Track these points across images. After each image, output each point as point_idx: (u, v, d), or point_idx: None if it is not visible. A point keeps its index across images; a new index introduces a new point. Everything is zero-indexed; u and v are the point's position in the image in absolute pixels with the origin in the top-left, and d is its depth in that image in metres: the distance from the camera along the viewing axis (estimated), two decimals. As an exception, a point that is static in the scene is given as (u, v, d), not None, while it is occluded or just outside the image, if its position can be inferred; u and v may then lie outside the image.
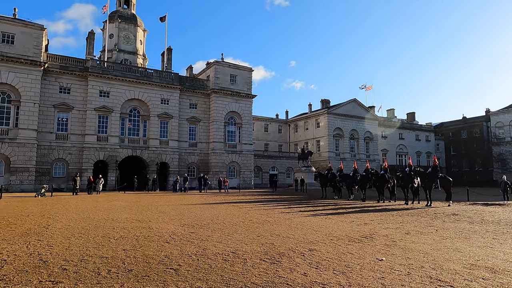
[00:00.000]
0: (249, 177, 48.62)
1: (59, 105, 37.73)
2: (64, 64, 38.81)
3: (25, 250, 6.52)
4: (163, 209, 15.62)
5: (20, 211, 14.33)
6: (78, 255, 6.10)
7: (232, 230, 9.15)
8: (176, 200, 21.91)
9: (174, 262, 5.67)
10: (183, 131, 45.23)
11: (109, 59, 51.24)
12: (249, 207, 16.84)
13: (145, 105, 42.57)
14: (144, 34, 59.43)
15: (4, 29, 34.73)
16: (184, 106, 45.71)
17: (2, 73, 34.26)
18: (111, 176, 39.24)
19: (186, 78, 48.39)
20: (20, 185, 34.01)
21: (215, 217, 12.35)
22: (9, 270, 5.09)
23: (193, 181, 42.95)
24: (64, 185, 36.55)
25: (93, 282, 4.56)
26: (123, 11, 57.00)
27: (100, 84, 39.75)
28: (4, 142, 33.96)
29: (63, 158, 37.52)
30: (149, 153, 42.02)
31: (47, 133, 36.86)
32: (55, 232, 8.67)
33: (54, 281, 4.58)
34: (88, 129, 38.56)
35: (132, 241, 7.57)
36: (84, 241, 7.46)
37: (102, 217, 12.20)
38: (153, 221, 11.04)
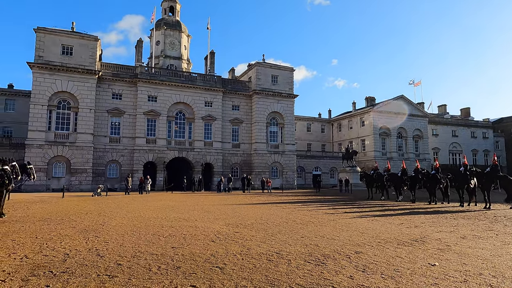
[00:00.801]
0: (291, 178, 48.35)
1: (112, 110, 40.27)
2: (116, 72, 41.37)
3: (85, 246, 7.04)
4: (208, 208, 16.04)
5: (80, 209, 15.50)
6: (131, 251, 6.47)
7: (275, 231, 9.16)
8: (220, 200, 22.40)
9: (219, 260, 5.80)
10: (226, 132, 46.14)
11: (156, 65, 53.71)
12: (292, 207, 16.76)
13: (190, 108, 44.03)
14: (188, 40, 61.49)
15: (64, 42, 37.82)
16: (227, 108, 46.59)
17: (63, 82, 37.31)
18: (160, 177, 41.09)
19: (229, 81, 49.29)
20: (79, 185, 36.79)
21: (258, 217, 12.45)
22: (71, 263, 5.53)
23: (236, 182, 43.61)
24: (117, 185, 38.92)
25: (145, 278, 4.81)
26: (168, 19, 59.46)
27: (149, 89, 41.82)
28: (65, 146, 36.96)
29: (116, 160, 39.98)
30: (194, 154, 43.38)
31: (102, 137, 39.50)
32: (110, 229, 9.26)
33: (110, 275, 4.90)
34: (138, 132, 40.74)
35: (180, 239, 7.86)
36: (136, 238, 7.89)
37: (152, 216, 12.82)
38: (199, 220, 11.38)
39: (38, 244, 7.10)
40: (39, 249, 6.66)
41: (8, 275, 4.85)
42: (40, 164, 34.73)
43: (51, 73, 36.91)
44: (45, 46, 36.91)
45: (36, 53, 36.64)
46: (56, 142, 36.76)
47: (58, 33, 37.70)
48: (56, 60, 37.18)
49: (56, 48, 37.40)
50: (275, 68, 49.53)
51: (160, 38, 57.08)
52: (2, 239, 7.74)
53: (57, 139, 36.96)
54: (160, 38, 57.06)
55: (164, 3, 61.14)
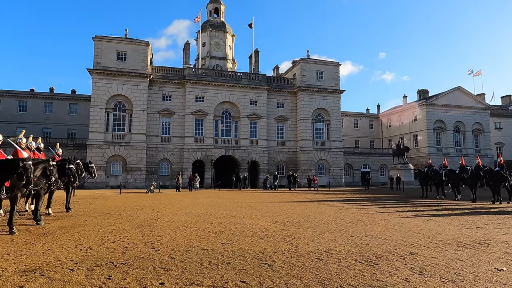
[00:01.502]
0: (339, 175, 47.23)
1: (163, 111, 42.24)
2: (165, 74, 43.30)
3: (141, 239, 7.46)
4: (255, 206, 16.20)
5: (135, 205, 16.47)
6: (183, 246, 6.73)
7: (324, 229, 9.01)
8: (267, 198, 22.52)
9: (268, 258, 5.83)
10: (271, 130, 46.26)
11: (203, 66, 55.30)
12: (340, 205, 16.36)
13: (235, 107, 44.76)
14: (232, 40, 62.49)
15: (119, 48, 40.37)
16: (272, 105, 46.67)
17: (118, 86, 39.86)
18: (207, 175, 42.36)
19: (273, 78, 49.32)
20: (134, 182, 39.13)
21: (306, 215, 12.32)
22: (130, 256, 5.89)
23: (282, 179, 43.58)
24: (168, 182, 40.80)
25: (197, 272, 4.98)
26: (213, 20, 60.88)
27: (196, 90, 43.21)
28: (121, 146, 39.50)
29: (167, 159, 41.90)
30: (240, 153, 44.05)
31: (154, 137, 41.61)
32: (163, 225, 9.72)
33: (165, 268, 5.14)
34: (187, 132, 42.31)
35: (229, 235, 8.03)
36: (187, 234, 8.20)
37: (201, 212, 13.24)
38: (247, 217, 11.53)
39: (100, 237, 7.66)
40: (101, 241, 7.18)
41: (75, 265, 5.29)
42: (100, 163, 37.48)
43: (108, 78, 39.60)
44: (102, 53, 39.69)
45: (94, 60, 39.53)
46: (113, 142, 39.42)
47: (113, 40, 40.33)
48: (112, 66, 39.83)
49: (112, 54, 40.03)
50: (320, 63, 48.62)
51: (206, 40, 58.63)
52: (70, 231, 8.46)
53: (114, 139, 39.62)
54: (206, 39, 58.61)
55: (209, 5, 62.69)
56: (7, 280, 4.51)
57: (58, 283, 4.41)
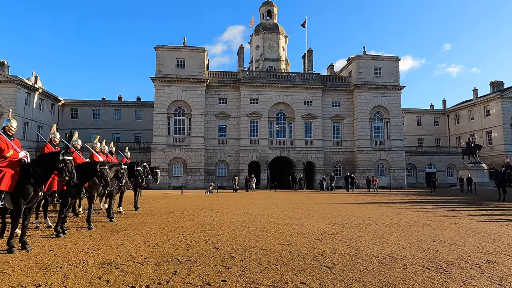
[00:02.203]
0: (400, 176, 44.69)
1: (219, 114, 43.64)
2: (221, 79, 44.70)
3: (202, 238, 7.78)
4: (312, 207, 15.98)
5: (196, 205, 17.21)
6: (242, 246, 6.88)
7: (386, 232, 8.58)
8: (323, 199, 22.09)
9: (328, 260, 5.71)
10: (327, 130, 45.32)
11: (257, 68, 56.03)
12: (403, 208, 15.45)
13: (289, 107, 44.65)
14: (285, 41, 62.43)
15: (178, 56, 42.63)
16: (327, 105, 45.72)
17: (178, 92, 42.06)
18: (263, 176, 42.79)
19: (328, 77, 48.30)
20: (194, 183, 40.93)
21: (366, 217, 11.85)
22: (193, 253, 6.17)
23: (339, 180, 42.44)
24: (226, 183, 41.99)
25: (257, 271, 5.05)
26: (266, 23, 61.42)
27: (250, 92, 43.94)
28: (181, 148, 41.61)
29: (224, 160, 43.18)
30: (296, 153, 43.80)
31: (211, 139, 43.15)
32: (222, 224, 10.02)
33: (226, 266, 5.30)
34: (242, 134, 43.20)
35: (287, 236, 8.02)
36: (246, 234, 8.36)
37: (258, 212, 13.41)
38: (304, 219, 11.42)
39: (165, 235, 8.14)
40: (166, 239, 7.63)
41: (145, 260, 5.68)
42: (163, 165, 39.83)
43: (169, 84, 41.99)
44: (163, 61, 42.23)
45: (156, 68, 42.19)
46: (175, 145, 41.67)
47: (172, 49, 42.69)
48: (171, 73, 42.17)
49: (172, 62, 42.39)
50: (378, 59, 46.52)
51: (259, 42, 59.33)
52: (138, 228, 9.12)
53: (175, 142, 41.87)
54: (259, 42, 59.31)
55: (262, 8, 63.36)
56: (87, 271, 5.00)
57: (130, 276, 4.78)
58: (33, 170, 6.31)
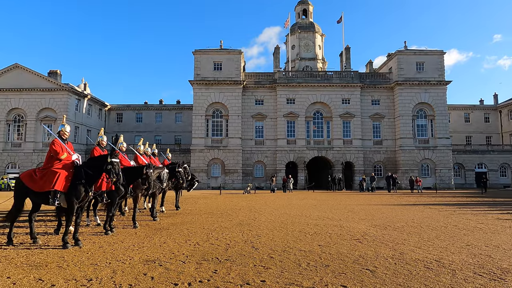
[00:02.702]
0: (447, 176, 42.27)
1: (256, 115, 43.92)
2: (257, 80, 44.96)
3: (241, 238, 7.88)
4: (352, 208, 15.59)
5: (234, 205, 17.45)
6: (281, 246, 6.88)
7: (432, 236, 8.17)
8: (363, 200, 21.47)
9: (369, 263, 5.55)
10: (366, 129, 43.99)
11: (293, 68, 55.71)
12: (450, 210, 14.61)
13: (327, 107, 43.90)
14: (322, 39, 61.54)
15: (215, 59, 43.52)
16: (366, 103, 44.38)
17: (215, 94, 42.91)
18: (301, 176, 42.42)
19: (366, 75, 46.87)
20: (232, 184, 41.51)
21: (409, 219, 11.36)
22: (232, 253, 6.28)
23: (380, 181, 41.02)
24: (263, 183, 42.14)
25: (296, 272, 5.03)
26: (301, 22, 60.91)
27: (287, 93, 43.76)
28: (219, 149, 42.39)
29: (261, 161, 43.37)
30: (334, 153, 42.96)
31: (248, 140, 43.52)
32: (260, 224, 10.08)
33: (265, 266, 5.33)
34: (279, 134, 43.14)
35: (326, 237, 7.90)
36: (284, 234, 8.35)
37: (296, 213, 13.33)
38: (343, 220, 11.18)
39: (206, 234, 8.34)
40: (206, 238, 7.82)
41: (186, 258, 5.87)
42: (202, 166, 40.82)
43: (206, 87, 42.96)
44: (201, 65, 43.29)
45: (195, 71, 43.35)
46: (213, 147, 42.55)
47: (210, 52, 43.64)
48: (209, 76, 43.12)
49: (209, 65, 43.34)
50: (420, 54, 44.38)
51: (295, 42, 58.96)
52: (180, 227, 9.43)
53: (213, 144, 42.73)
54: (295, 42, 58.94)
55: (297, 7, 62.91)
56: (134, 267, 5.26)
57: (173, 273, 4.96)
58: (84, 172, 6.76)
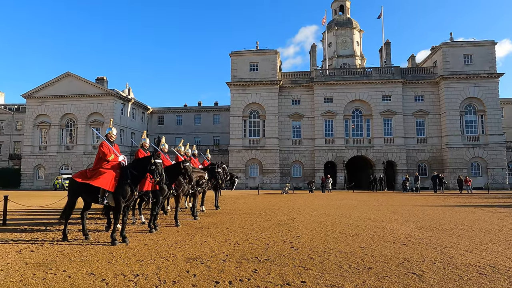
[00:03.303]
0: (500, 176, 39.32)
1: (293, 115, 43.68)
2: (294, 79, 44.69)
3: (280, 238, 7.86)
4: (395, 209, 14.99)
5: (272, 205, 17.47)
6: (320, 247, 6.77)
7: (485, 239, 7.63)
8: (407, 201, 20.55)
9: (415, 266, 5.30)
10: (409, 126, 42.12)
11: (330, 66, 54.71)
12: (505, 212, 13.56)
13: (366, 104, 42.63)
14: (360, 35, 59.83)
15: (251, 60, 43.86)
16: (408, 99, 42.50)
17: (252, 95, 43.22)
18: (340, 176, 41.53)
19: (408, 70, 44.86)
20: (270, 184, 41.59)
21: (459, 221, 10.70)
22: (271, 253, 6.28)
23: (425, 181, 39.11)
24: (301, 183, 41.79)
25: (337, 274, 4.92)
26: (338, 19, 59.63)
27: (324, 91, 43.06)
28: (257, 150, 42.65)
29: (299, 161, 43.04)
30: (374, 152, 41.60)
31: (286, 140, 43.38)
32: (299, 225, 10.00)
33: (305, 267, 5.27)
34: (317, 134, 42.55)
35: (367, 239, 7.66)
36: (324, 235, 8.21)
37: (336, 214, 13.06)
38: (386, 221, 10.78)
39: (245, 234, 8.42)
40: (246, 237, 7.89)
41: (226, 257, 5.96)
42: (240, 166, 41.31)
43: (243, 88, 43.43)
44: (237, 66, 43.85)
45: (231, 73, 43.98)
46: (250, 147, 42.90)
47: (246, 54, 44.07)
48: (246, 77, 43.54)
49: (245, 66, 43.77)
50: (468, 45, 41.70)
51: (332, 39, 57.85)
52: (220, 226, 9.61)
53: (251, 144, 43.09)
54: (332, 39, 57.83)
55: (334, 4, 61.71)
56: (176, 264, 5.44)
57: (214, 271, 5.06)
58: (130, 172, 7.11)
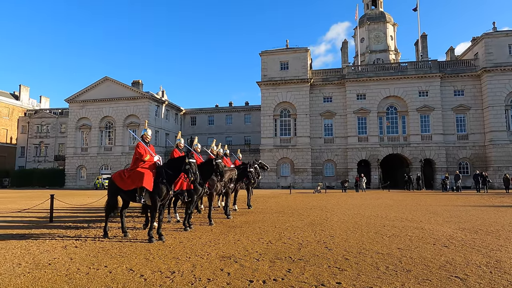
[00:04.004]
0: (553, 174, 36.39)
1: (324, 113, 43.01)
2: (325, 77, 43.99)
3: (313, 237, 7.76)
4: (434, 209, 14.33)
5: (305, 204, 17.29)
6: (355, 248, 6.61)
7: (536, 242, 7.10)
8: (447, 200, 19.58)
9: (458, 270, 5.03)
10: (448, 122, 40.13)
11: (362, 62, 53.30)
12: (560, 213, 12.54)
13: (401, 100, 41.13)
14: (394, 29, 57.79)
15: (281, 59, 43.74)
16: (447, 94, 40.49)
17: (283, 94, 43.08)
18: (374, 175, 40.37)
19: (447, 63, 42.73)
20: (301, 183, 41.24)
21: (506, 223, 10.03)
22: (305, 253, 6.21)
23: (466, 179, 37.07)
24: (334, 183, 41.06)
25: (373, 276, 4.77)
26: (371, 13, 57.95)
27: (356, 88, 42.03)
28: (288, 149, 42.44)
29: (331, 159, 42.33)
30: (411, 150, 40.04)
31: (317, 138, 42.81)
32: (333, 225, 9.82)
33: (340, 268, 5.17)
34: (349, 132, 41.63)
35: (405, 240, 7.38)
36: (359, 235, 8.01)
37: (371, 214, 12.69)
38: (425, 222, 10.33)
39: (277, 233, 8.40)
40: (278, 237, 7.87)
41: (260, 256, 5.97)
42: (271, 165, 41.25)
43: (274, 87, 43.37)
44: (267, 66, 43.86)
45: (262, 73, 44.07)
46: (282, 146, 42.77)
47: (276, 53, 43.98)
48: (276, 76, 43.46)
49: (276, 65, 43.69)
50: (514, 35, 38.97)
51: (364, 35, 56.33)
52: (252, 225, 9.65)
53: (282, 143, 42.95)
54: (364, 34, 56.32)
55: (366, -2, 60.03)
56: (211, 262, 5.52)
57: (248, 270, 5.08)
58: (165, 172, 7.31)
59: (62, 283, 4.50)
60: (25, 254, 6.14)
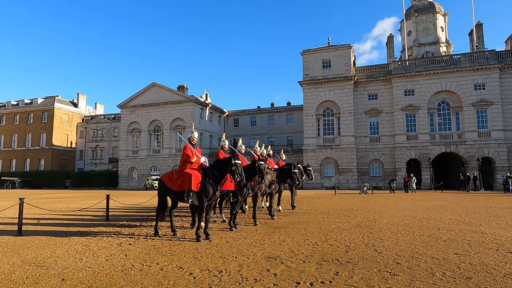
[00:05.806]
0: None
1: (369, 111, 41.53)
2: (370, 73, 42.49)
3: (361, 240, 7.50)
4: (495, 212, 13.21)
5: (351, 205, 16.80)
6: (408, 252, 6.28)
7: None
8: (509, 202, 17.97)
9: (527, 279, 4.58)
10: (509, 117, 36.98)
11: (410, 56, 50.78)
12: None
13: (454, 95, 38.53)
14: (444, 19, 54.35)
15: (323, 57, 42.98)
16: (508, 87, 37.34)
17: (325, 93, 42.30)
18: (425, 175, 38.25)
19: (507, 53, 39.30)
20: (346, 183, 40.17)
21: None
22: (353, 255, 6.02)
23: (533, 179, 33.68)
24: (381, 183, 39.48)
25: (429, 282, 4.50)
26: (418, 4, 55.04)
27: (404, 84, 40.10)
28: (332, 148, 41.56)
29: (378, 159, 40.76)
30: (466, 148, 37.34)
31: (362, 137, 41.45)
32: (382, 227, 9.42)
33: (391, 273, 4.94)
34: (397, 130, 39.81)
35: (463, 245, 6.88)
36: (410, 239, 7.61)
37: (423, 216, 12.02)
38: (485, 225, 9.56)
39: (323, 234, 8.24)
40: (324, 238, 7.71)
41: (306, 257, 5.89)
42: (314, 166, 40.67)
43: (316, 86, 42.72)
44: (309, 65, 43.32)
45: (303, 72, 43.62)
46: (325, 146, 41.99)
47: (318, 51, 43.30)
48: (318, 75, 42.77)
49: (318, 64, 43.02)
50: None
51: (412, 27, 53.62)
52: (297, 226, 9.56)
53: (325, 143, 42.16)
54: (411, 27, 53.60)
55: (412, -11, 57.12)
56: (257, 262, 5.55)
57: (294, 271, 5.04)
58: (211, 173, 7.49)
59: (118, 279, 4.77)
60: (85, 250, 6.62)
